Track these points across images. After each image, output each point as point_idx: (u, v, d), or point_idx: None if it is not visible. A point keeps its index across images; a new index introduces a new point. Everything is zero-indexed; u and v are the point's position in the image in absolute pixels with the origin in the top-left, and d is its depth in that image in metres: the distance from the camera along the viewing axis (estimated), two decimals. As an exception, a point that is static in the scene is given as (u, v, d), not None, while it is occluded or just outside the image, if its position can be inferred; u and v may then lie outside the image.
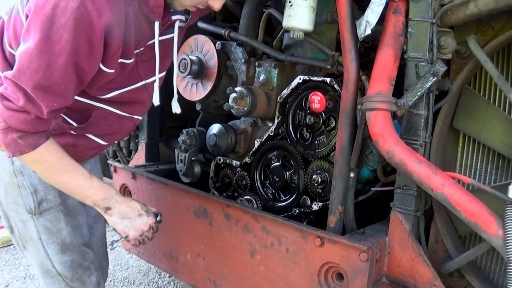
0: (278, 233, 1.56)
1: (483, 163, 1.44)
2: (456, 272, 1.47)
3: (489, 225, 1.19)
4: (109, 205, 1.48)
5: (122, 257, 3.41)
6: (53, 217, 1.57)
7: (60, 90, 1.26)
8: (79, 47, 1.20)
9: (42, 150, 1.34)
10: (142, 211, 1.55)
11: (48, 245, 1.59)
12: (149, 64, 1.51)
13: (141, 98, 1.59)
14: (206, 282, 1.85)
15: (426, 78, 1.34)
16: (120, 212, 1.50)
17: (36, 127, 1.30)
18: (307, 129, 1.83)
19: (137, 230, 1.53)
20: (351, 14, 1.47)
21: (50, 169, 1.40)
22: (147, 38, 1.45)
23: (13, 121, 1.27)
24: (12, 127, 1.27)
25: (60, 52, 1.19)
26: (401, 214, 1.43)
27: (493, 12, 1.27)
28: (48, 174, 1.42)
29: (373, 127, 1.35)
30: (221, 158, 2.10)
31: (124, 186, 2.21)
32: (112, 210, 1.49)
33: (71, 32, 1.17)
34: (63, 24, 1.16)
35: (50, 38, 1.17)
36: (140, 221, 1.53)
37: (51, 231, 1.57)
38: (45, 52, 1.18)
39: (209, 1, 1.36)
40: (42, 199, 1.53)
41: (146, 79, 1.54)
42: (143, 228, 1.54)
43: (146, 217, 1.55)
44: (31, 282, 3.03)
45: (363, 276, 1.34)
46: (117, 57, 1.33)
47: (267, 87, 1.94)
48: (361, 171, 1.71)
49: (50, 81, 1.22)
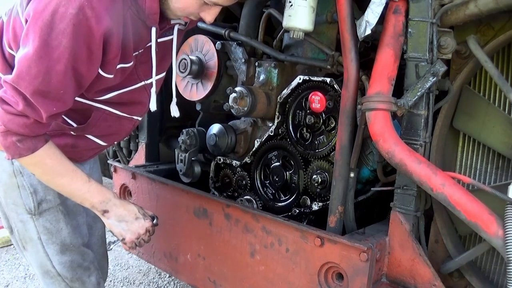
0: (278, 233, 1.56)
1: (483, 163, 1.44)
2: (456, 272, 1.47)
3: (489, 225, 1.19)
4: (106, 208, 1.49)
5: (122, 257, 3.41)
6: (52, 217, 1.57)
7: (59, 95, 1.26)
8: (78, 53, 1.20)
9: (41, 153, 1.34)
10: (139, 214, 1.56)
11: (48, 246, 1.59)
12: (148, 65, 1.50)
13: (140, 99, 1.58)
14: (206, 282, 1.85)
15: (426, 78, 1.34)
16: (117, 215, 1.51)
17: (35, 131, 1.30)
18: (307, 129, 1.83)
19: (133, 233, 1.54)
20: (351, 14, 1.47)
21: (49, 172, 1.41)
22: (146, 41, 1.44)
23: (13, 125, 1.27)
24: (12, 130, 1.28)
25: (59, 58, 1.19)
26: (401, 214, 1.43)
27: (493, 12, 1.27)
28: (46, 177, 1.43)
29: (373, 127, 1.35)
30: (221, 158, 2.10)
31: (124, 186, 2.21)
32: (109, 213, 1.50)
33: (70, 38, 1.17)
34: (62, 30, 1.16)
35: (49, 44, 1.17)
36: (137, 224, 1.54)
37: (51, 232, 1.57)
38: (44, 58, 1.19)
39: (201, 13, 1.36)
40: (41, 199, 1.54)
41: (145, 80, 1.54)
42: (140, 231, 1.55)
43: (143, 220, 1.56)
44: (31, 282, 3.03)
45: (363, 276, 1.34)
46: (116, 63, 1.34)
47: (267, 87, 1.94)
48: (361, 171, 1.71)
49: (49, 86, 1.22)
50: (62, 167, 1.41)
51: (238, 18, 2.11)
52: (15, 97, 1.24)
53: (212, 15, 1.36)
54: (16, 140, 1.30)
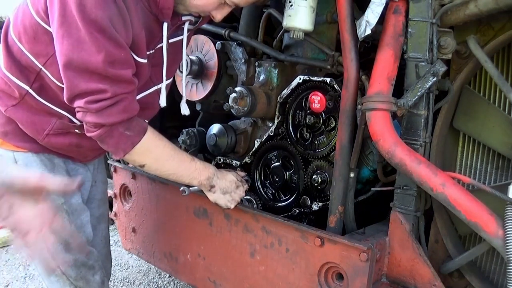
0: (278, 233, 1.56)
1: (483, 163, 1.44)
2: (456, 272, 1.47)
3: (489, 225, 1.19)
4: (212, 183, 1.58)
5: (122, 257, 3.41)
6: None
7: (124, 59, 1.27)
8: (114, 19, 1.22)
9: (149, 134, 1.37)
10: (238, 182, 1.66)
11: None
12: (159, 69, 1.51)
13: (153, 103, 1.59)
14: (206, 282, 1.85)
15: (426, 78, 1.34)
16: (222, 188, 1.61)
17: (134, 106, 1.33)
18: (307, 129, 1.83)
19: (236, 201, 1.65)
20: (351, 14, 1.47)
21: (161, 155, 1.43)
22: (156, 40, 1.44)
23: (114, 117, 1.28)
24: (115, 123, 1.29)
25: (103, 27, 1.20)
26: (401, 214, 1.43)
27: (493, 12, 1.27)
28: (158, 163, 1.45)
29: (373, 127, 1.35)
30: (221, 158, 2.10)
31: (124, 186, 2.21)
32: (215, 188, 1.59)
33: (104, 7, 1.19)
34: (93, 4, 1.18)
35: (91, 18, 1.18)
36: (239, 193, 1.66)
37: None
38: (93, 34, 1.20)
39: (212, 11, 1.37)
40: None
41: (157, 84, 1.55)
42: (241, 197, 1.67)
43: (242, 186, 1.67)
44: (31, 282, 3.03)
45: (363, 276, 1.34)
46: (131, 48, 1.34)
47: (267, 87, 1.94)
48: (361, 171, 1.71)
49: (113, 56, 1.23)
50: (169, 148, 1.45)
51: (238, 18, 2.11)
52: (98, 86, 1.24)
53: (223, 14, 1.39)
54: (124, 130, 1.31)
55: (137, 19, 1.31)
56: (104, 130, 1.31)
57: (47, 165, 1.54)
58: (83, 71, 1.23)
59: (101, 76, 1.24)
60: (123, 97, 1.29)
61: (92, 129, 1.33)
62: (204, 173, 1.55)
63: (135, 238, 2.18)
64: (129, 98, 1.31)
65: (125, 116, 1.30)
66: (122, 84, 1.28)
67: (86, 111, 1.29)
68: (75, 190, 1.60)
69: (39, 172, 1.52)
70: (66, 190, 1.13)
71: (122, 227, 2.24)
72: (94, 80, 1.24)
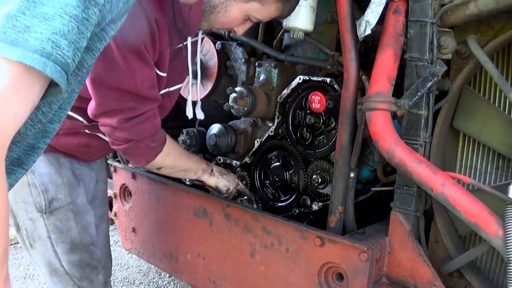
0: (278, 233, 1.56)
1: (483, 163, 1.44)
2: (456, 272, 1.47)
3: (489, 225, 1.19)
4: (211, 167, 1.75)
5: (122, 257, 3.41)
6: (63, 216, 1.57)
7: (151, 78, 1.31)
8: (146, 39, 1.24)
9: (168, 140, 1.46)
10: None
11: (57, 244, 1.59)
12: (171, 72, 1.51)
13: (163, 105, 1.60)
14: (206, 282, 1.85)
15: (426, 78, 1.34)
16: (218, 171, 1.77)
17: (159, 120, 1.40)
18: (307, 129, 1.83)
19: (233, 183, 1.80)
20: (351, 14, 1.47)
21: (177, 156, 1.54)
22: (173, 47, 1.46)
23: (144, 132, 1.34)
24: (144, 137, 1.35)
25: (136, 49, 1.23)
26: (401, 214, 1.43)
27: (493, 12, 1.27)
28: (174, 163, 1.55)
29: (373, 127, 1.35)
30: (221, 158, 2.10)
31: (124, 186, 2.21)
32: (214, 171, 1.75)
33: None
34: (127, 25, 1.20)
35: (124, 40, 1.20)
36: (232, 175, 1.84)
37: (61, 230, 1.58)
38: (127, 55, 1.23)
39: (235, 28, 1.40)
40: (52, 198, 1.54)
41: (169, 87, 1.55)
42: (236, 180, 1.82)
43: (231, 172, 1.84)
44: (31, 282, 3.03)
45: (363, 276, 1.34)
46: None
47: (267, 87, 1.94)
48: (361, 171, 1.71)
49: (143, 75, 1.28)
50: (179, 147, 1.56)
51: (238, 18, 2.11)
52: (128, 104, 1.28)
53: (245, 28, 1.42)
54: (150, 142, 1.37)
55: (164, 37, 1.32)
56: (132, 144, 1.36)
57: (54, 164, 1.55)
58: (115, 90, 1.26)
59: (132, 95, 1.28)
60: (150, 114, 1.34)
61: (119, 143, 1.39)
62: (202, 161, 1.72)
63: (135, 238, 2.18)
64: (155, 113, 1.37)
65: (153, 131, 1.37)
66: (149, 101, 1.33)
67: (116, 128, 1.33)
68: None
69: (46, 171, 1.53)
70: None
71: (122, 227, 2.24)
72: (124, 98, 1.28)
